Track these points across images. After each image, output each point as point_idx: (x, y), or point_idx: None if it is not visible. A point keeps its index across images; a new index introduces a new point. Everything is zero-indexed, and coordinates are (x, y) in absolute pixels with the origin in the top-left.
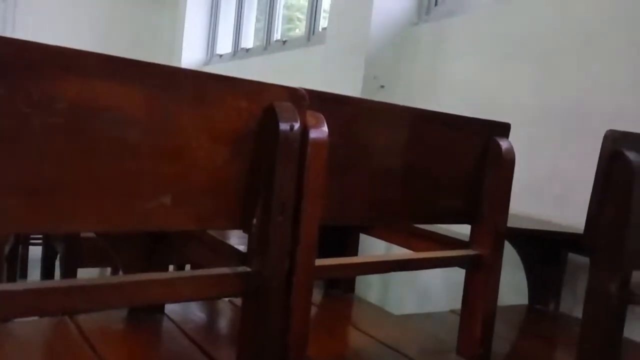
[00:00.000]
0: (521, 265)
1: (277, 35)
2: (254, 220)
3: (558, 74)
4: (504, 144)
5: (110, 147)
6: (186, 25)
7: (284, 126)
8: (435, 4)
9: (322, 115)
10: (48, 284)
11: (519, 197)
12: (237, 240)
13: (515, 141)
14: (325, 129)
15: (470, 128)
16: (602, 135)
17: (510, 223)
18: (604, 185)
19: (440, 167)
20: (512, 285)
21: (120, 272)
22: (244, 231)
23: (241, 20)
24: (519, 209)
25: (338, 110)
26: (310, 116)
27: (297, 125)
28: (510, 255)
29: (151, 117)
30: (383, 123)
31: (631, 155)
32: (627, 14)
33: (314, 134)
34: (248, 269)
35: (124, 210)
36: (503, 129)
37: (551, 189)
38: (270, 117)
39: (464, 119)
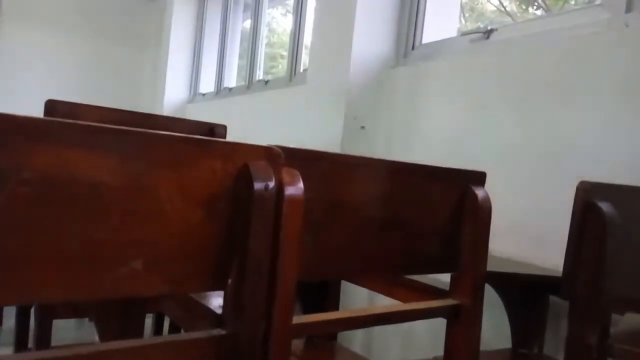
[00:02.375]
0: (503, 308)
1: (259, 75)
2: (229, 281)
3: (533, 117)
4: (480, 192)
5: (80, 215)
6: (169, 64)
7: (258, 185)
8: (413, 48)
9: (297, 172)
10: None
11: (499, 239)
12: (219, 298)
13: (493, 182)
14: (300, 185)
15: (446, 178)
16: (577, 175)
17: (491, 266)
18: (578, 236)
19: (418, 218)
20: (496, 329)
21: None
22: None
23: (224, 60)
24: (499, 250)
25: (314, 165)
26: (286, 173)
27: (271, 184)
28: (492, 299)
29: (123, 183)
30: (360, 176)
31: (604, 206)
32: (595, 63)
33: (289, 191)
34: (223, 332)
35: (93, 279)
36: (479, 177)
37: (530, 229)
38: (244, 176)
39: (440, 169)
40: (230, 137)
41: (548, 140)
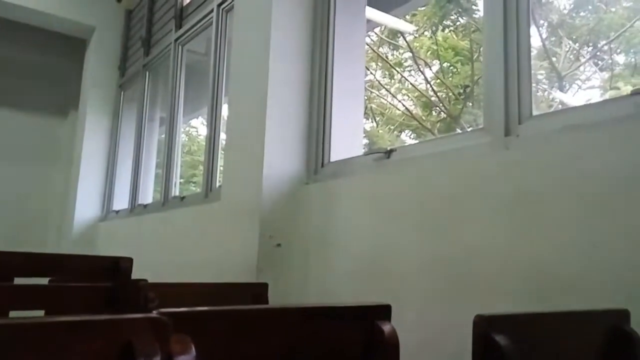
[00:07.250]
0: None
1: (175, 191)
2: None
3: (433, 235)
4: (386, 328)
5: None
6: (80, 180)
7: None
8: (322, 165)
9: (188, 338)
10: None
11: (416, 357)
12: None
13: (407, 295)
14: (192, 352)
15: (351, 316)
16: (489, 288)
17: None
18: None
19: None
20: None
21: None
22: None
23: (138, 176)
24: None
25: (208, 326)
26: (175, 342)
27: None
28: None
29: None
30: (261, 328)
31: (500, 339)
32: (483, 183)
33: None
34: None
35: None
36: (384, 311)
37: (447, 345)
38: (127, 355)
39: (343, 308)
40: (140, 263)
41: (452, 256)
